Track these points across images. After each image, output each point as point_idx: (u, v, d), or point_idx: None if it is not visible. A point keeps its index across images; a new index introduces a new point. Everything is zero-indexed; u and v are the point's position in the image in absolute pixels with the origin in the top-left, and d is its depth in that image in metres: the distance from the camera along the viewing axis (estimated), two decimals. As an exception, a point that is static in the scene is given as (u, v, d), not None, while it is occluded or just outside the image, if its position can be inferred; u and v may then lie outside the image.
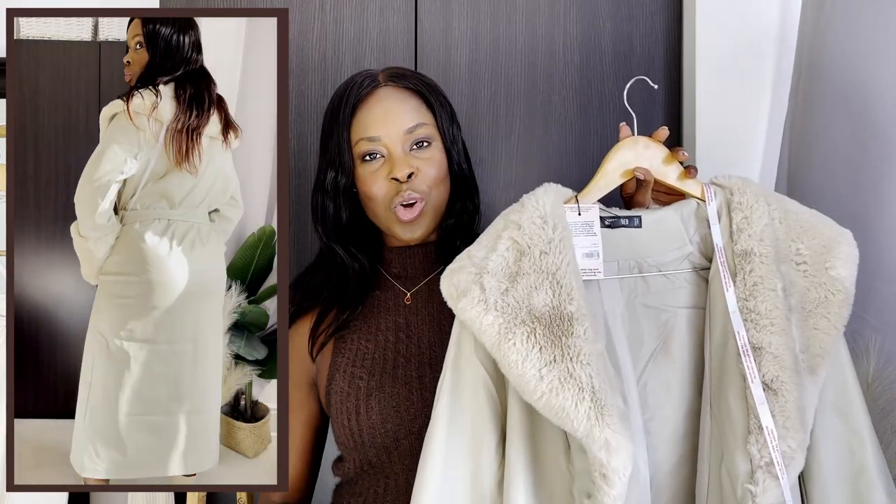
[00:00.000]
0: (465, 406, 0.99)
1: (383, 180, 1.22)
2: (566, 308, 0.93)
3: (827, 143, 1.35)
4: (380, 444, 1.20)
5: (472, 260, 0.99)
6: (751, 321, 0.95)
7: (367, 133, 1.23)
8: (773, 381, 0.91)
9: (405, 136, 1.23)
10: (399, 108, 1.24)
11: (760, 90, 1.64)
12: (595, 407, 0.88)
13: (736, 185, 1.04)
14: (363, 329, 1.27)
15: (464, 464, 0.98)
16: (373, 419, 1.19)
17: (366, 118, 1.23)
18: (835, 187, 1.32)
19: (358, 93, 1.24)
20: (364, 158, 1.23)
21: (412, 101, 1.26)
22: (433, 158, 1.24)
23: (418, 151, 1.24)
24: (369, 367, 1.23)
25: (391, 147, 1.22)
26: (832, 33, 1.35)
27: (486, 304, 0.94)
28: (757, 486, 0.88)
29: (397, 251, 1.30)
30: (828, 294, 0.98)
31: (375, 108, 1.23)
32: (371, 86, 1.25)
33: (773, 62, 1.64)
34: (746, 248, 0.98)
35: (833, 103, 1.34)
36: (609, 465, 0.87)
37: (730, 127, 1.64)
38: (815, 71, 1.40)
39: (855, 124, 1.29)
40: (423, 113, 1.26)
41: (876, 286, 1.23)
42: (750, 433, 0.90)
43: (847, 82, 1.32)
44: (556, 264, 0.95)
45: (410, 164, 1.22)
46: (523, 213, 0.99)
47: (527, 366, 0.91)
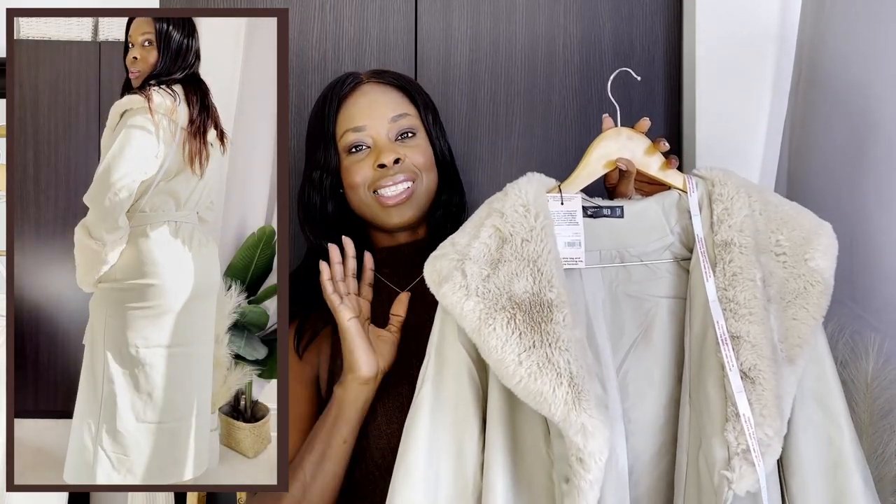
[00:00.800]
0: (448, 392, 1.00)
1: (368, 168, 1.24)
2: (546, 295, 0.94)
3: (827, 142, 1.35)
4: (385, 445, 1.19)
5: (454, 247, 1.00)
6: (730, 311, 0.96)
7: (352, 124, 1.25)
8: (750, 369, 0.92)
9: (390, 124, 1.25)
10: (383, 100, 1.27)
11: (760, 90, 1.64)
12: (572, 392, 0.89)
13: (717, 176, 1.05)
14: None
15: (447, 449, 0.99)
16: (378, 421, 1.20)
17: (351, 110, 1.26)
18: (835, 187, 1.32)
19: (342, 90, 1.27)
20: (350, 151, 1.26)
21: (395, 93, 1.29)
22: (419, 146, 1.27)
23: (403, 141, 1.26)
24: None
25: (376, 136, 1.25)
26: (832, 33, 1.36)
27: (467, 289, 0.96)
28: (733, 473, 0.89)
29: (387, 251, 1.31)
30: (807, 285, 0.99)
31: (360, 100, 1.27)
32: (354, 82, 1.28)
33: (773, 62, 1.64)
34: (726, 239, 1.00)
35: (833, 103, 1.34)
36: (585, 449, 0.88)
37: (730, 126, 1.64)
38: (815, 71, 1.40)
39: (854, 124, 1.29)
40: (406, 105, 1.29)
41: (876, 286, 1.23)
42: (727, 421, 0.91)
43: (847, 82, 1.32)
44: (538, 252, 0.97)
45: (397, 150, 1.24)
46: (506, 201, 1.01)
47: (506, 351, 0.92)
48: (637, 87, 1.71)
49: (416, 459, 0.99)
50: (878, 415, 1.15)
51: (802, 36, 1.49)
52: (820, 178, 1.36)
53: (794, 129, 1.47)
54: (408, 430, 1.01)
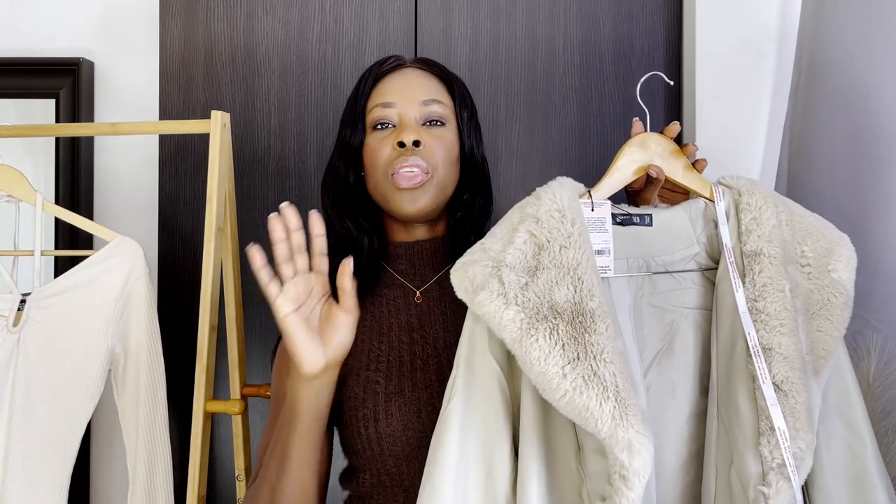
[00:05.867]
0: (479, 405, 0.95)
1: (389, 147, 1.17)
2: (588, 304, 0.90)
3: (827, 142, 1.35)
4: (399, 452, 1.11)
5: (487, 253, 0.94)
6: (760, 322, 0.93)
7: (383, 99, 1.19)
8: (783, 382, 0.90)
9: (420, 106, 1.19)
10: (418, 82, 1.21)
11: (760, 90, 1.65)
12: (619, 407, 0.84)
13: (744, 185, 1.03)
14: (373, 329, 1.19)
15: (477, 465, 0.94)
16: (393, 426, 1.11)
17: (384, 87, 1.20)
18: (835, 187, 1.32)
19: (381, 68, 1.22)
20: (375, 127, 1.19)
21: (433, 81, 1.23)
22: (444, 137, 1.19)
23: (430, 128, 1.19)
24: (385, 371, 1.14)
25: (403, 113, 1.18)
26: (832, 34, 1.35)
27: (506, 298, 0.90)
28: (770, 488, 0.86)
29: (404, 246, 1.23)
30: (830, 296, 0.98)
31: (396, 79, 1.21)
32: (396, 63, 1.23)
33: (773, 62, 1.64)
34: (756, 249, 0.98)
35: (833, 103, 1.34)
36: (630, 466, 0.83)
37: (730, 126, 1.64)
38: (815, 71, 1.40)
39: (854, 124, 1.29)
40: (441, 93, 1.22)
41: (876, 286, 1.23)
42: (761, 434, 0.88)
43: (847, 82, 1.31)
44: (577, 259, 0.92)
45: (420, 133, 1.17)
46: (540, 206, 0.96)
47: (549, 363, 0.87)
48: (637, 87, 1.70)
49: (443, 478, 0.93)
50: (880, 415, 1.15)
51: (802, 36, 1.49)
52: (820, 178, 1.36)
53: (795, 128, 1.47)
54: (435, 445, 0.95)
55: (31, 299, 1.38)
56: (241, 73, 1.72)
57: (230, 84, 1.72)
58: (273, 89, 1.72)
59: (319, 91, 1.71)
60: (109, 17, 1.72)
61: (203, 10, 1.72)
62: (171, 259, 1.72)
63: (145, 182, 1.72)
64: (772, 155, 1.62)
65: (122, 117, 1.71)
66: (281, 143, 1.72)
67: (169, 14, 1.72)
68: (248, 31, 1.72)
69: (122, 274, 1.39)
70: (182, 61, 1.72)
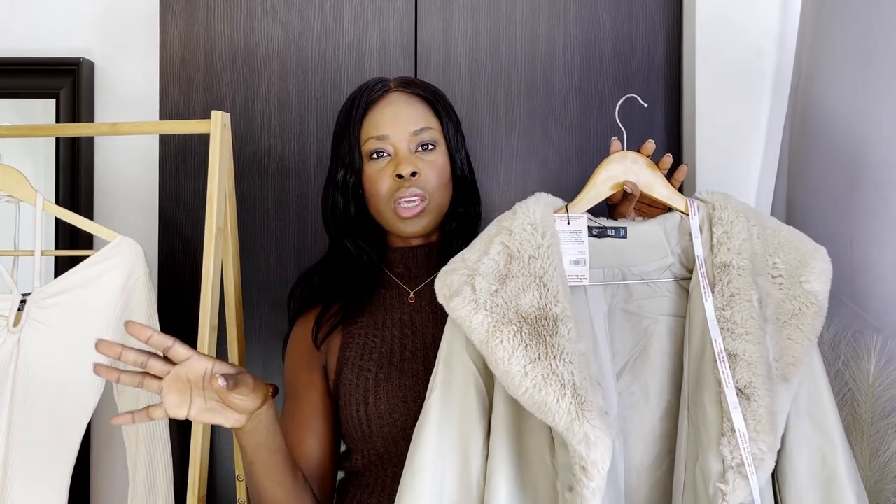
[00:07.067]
0: (455, 400, 1.04)
1: (388, 177, 1.28)
2: (552, 309, 0.98)
3: (827, 141, 1.35)
4: (387, 433, 1.24)
5: (465, 262, 1.04)
6: (727, 329, 1.00)
7: (376, 132, 1.28)
8: (746, 386, 0.96)
9: (412, 136, 1.29)
10: (407, 111, 1.30)
11: (760, 90, 1.65)
12: (576, 403, 0.92)
13: (718, 200, 1.09)
14: (370, 325, 1.31)
15: (453, 452, 1.02)
16: (381, 409, 1.23)
17: (376, 118, 1.29)
18: (835, 186, 1.32)
19: (370, 96, 1.30)
20: (372, 156, 1.29)
21: (420, 105, 1.32)
22: (436, 162, 1.30)
23: (423, 153, 1.29)
24: (377, 360, 1.27)
25: (398, 146, 1.28)
26: (831, 35, 1.36)
27: (476, 303, 0.99)
28: (727, 486, 0.92)
29: (401, 252, 1.35)
30: (801, 306, 1.02)
31: (385, 109, 1.30)
32: (382, 90, 1.31)
33: (773, 63, 1.64)
34: (725, 261, 1.04)
35: (832, 103, 1.34)
36: (588, 458, 0.91)
37: (730, 126, 1.64)
38: (815, 71, 1.40)
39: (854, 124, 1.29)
40: (429, 118, 1.32)
41: (876, 286, 1.23)
42: (723, 435, 0.94)
43: (847, 83, 1.32)
44: (544, 268, 1.01)
45: (415, 163, 1.27)
46: (515, 219, 1.05)
47: (513, 362, 0.95)
48: (637, 87, 1.71)
49: (423, 465, 1.02)
50: (880, 415, 1.15)
51: (802, 37, 1.49)
52: (820, 177, 1.36)
53: (794, 128, 1.47)
54: (416, 434, 1.05)
55: (31, 299, 1.38)
56: (241, 74, 1.72)
57: (230, 84, 1.72)
58: (273, 89, 1.72)
59: (319, 91, 1.72)
60: (109, 18, 1.72)
61: (203, 10, 1.72)
62: (172, 259, 1.72)
63: (145, 182, 1.72)
64: (772, 155, 1.62)
65: (122, 117, 1.71)
66: (281, 143, 1.72)
67: (169, 14, 1.72)
68: (248, 31, 1.72)
69: (123, 274, 1.39)
70: (182, 61, 1.72)
